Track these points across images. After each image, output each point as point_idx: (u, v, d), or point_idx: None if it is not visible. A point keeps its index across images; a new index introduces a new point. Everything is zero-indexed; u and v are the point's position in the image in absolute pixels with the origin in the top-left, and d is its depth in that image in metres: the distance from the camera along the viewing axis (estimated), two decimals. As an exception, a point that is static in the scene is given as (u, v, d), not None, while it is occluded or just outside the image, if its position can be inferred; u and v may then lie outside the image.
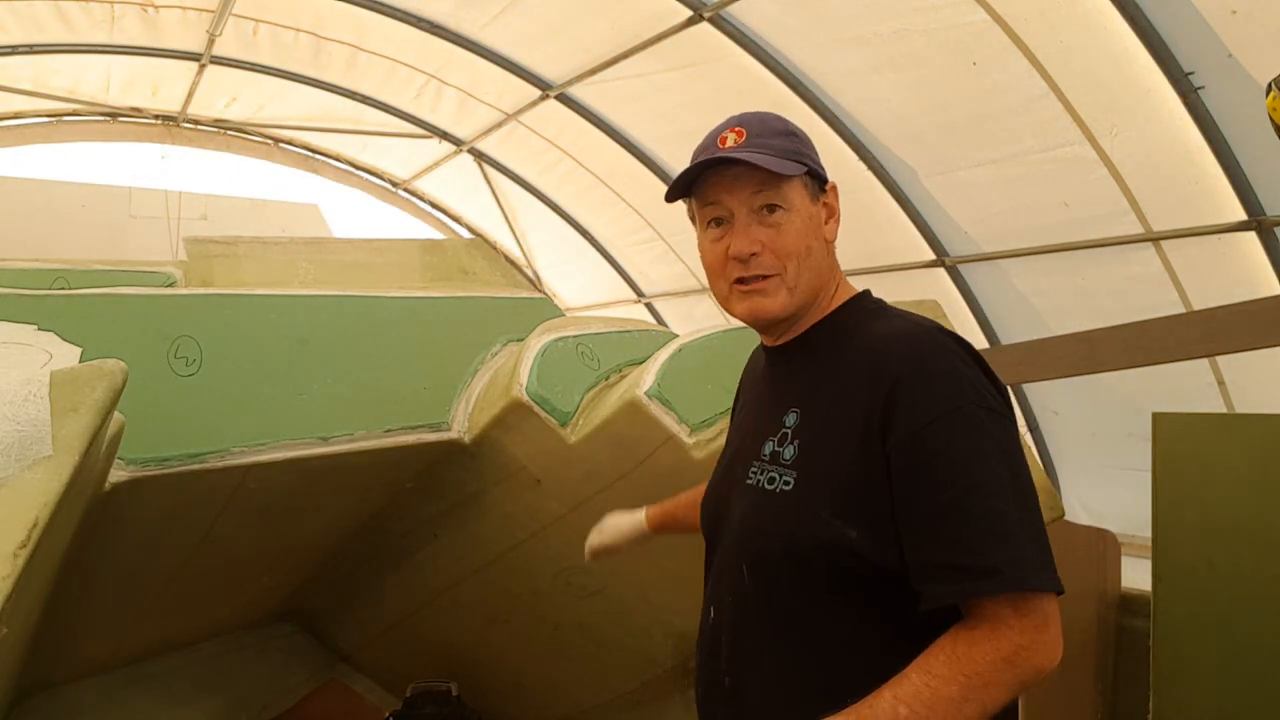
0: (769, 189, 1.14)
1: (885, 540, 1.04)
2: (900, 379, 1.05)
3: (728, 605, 1.18)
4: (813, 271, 1.17)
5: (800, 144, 1.19)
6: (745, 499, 1.17)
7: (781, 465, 1.12)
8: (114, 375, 1.27)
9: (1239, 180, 3.70)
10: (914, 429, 1.03)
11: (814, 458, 1.10)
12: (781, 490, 1.11)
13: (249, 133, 7.68)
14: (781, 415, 1.16)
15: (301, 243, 2.67)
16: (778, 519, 1.11)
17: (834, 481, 1.07)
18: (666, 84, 5.43)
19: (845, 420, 1.08)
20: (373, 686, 2.96)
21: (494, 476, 2.19)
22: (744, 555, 1.15)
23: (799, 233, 1.16)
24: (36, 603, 1.54)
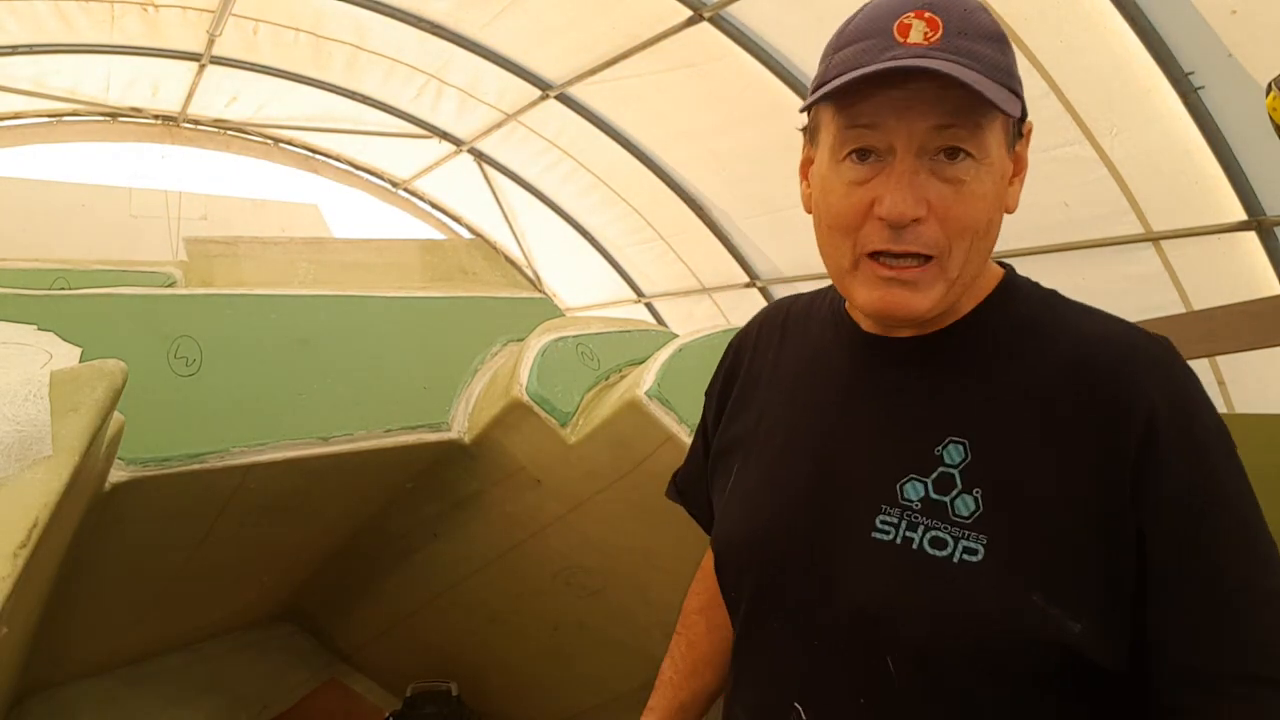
0: (964, 124, 0.76)
1: (1116, 636, 0.75)
2: (1159, 416, 0.75)
3: (850, 714, 0.83)
4: (982, 257, 0.82)
5: (1013, 59, 0.80)
6: (881, 563, 0.81)
7: (953, 523, 0.78)
8: (114, 375, 1.27)
9: (1239, 180, 3.70)
10: (1186, 490, 0.74)
11: (1015, 518, 0.77)
12: (964, 561, 0.77)
13: (249, 133, 7.68)
14: (930, 445, 0.81)
15: (301, 243, 2.67)
16: (963, 604, 0.77)
17: (1051, 555, 0.75)
18: (666, 84, 5.43)
19: (1064, 467, 0.76)
20: (373, 686, 2.96)
21: (494, 476, 2.19)
22: (888, 647, 0.80)
23: (986, 199, 0.79)
24: (36, 603, 1.54)
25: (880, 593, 0.81)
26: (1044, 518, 0.76)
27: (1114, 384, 0.77)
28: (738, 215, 6.18)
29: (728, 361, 1.12)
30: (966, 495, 0.78)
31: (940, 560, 0.78)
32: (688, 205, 6.36)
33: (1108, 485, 0.75)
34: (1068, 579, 0.75)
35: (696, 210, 6.37)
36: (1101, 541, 0.75)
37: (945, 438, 0.81)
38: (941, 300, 0.81)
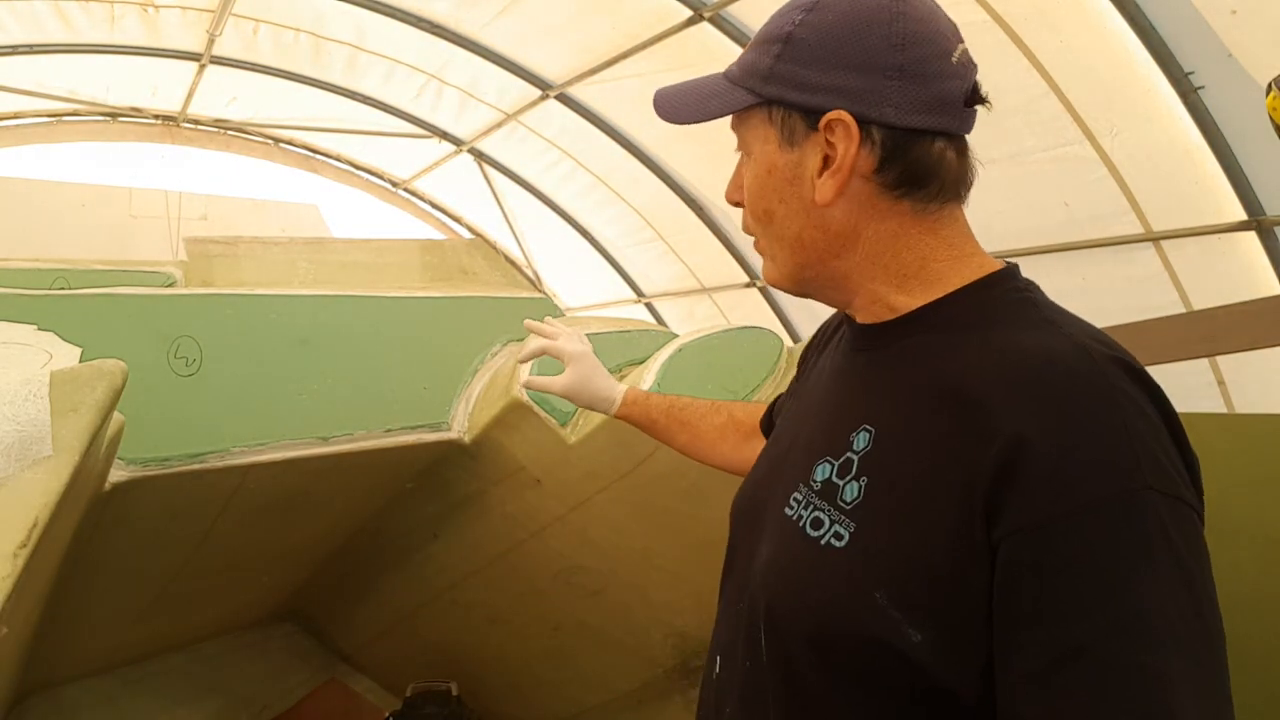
0: (735, 125, 0.87)
1: (963, 655, 0.68)
2: (1026, 434, 0.66)
3: (738, 669, 0.86)
4: (790, 245, 0.85)
5: (769, 54, 0.82)
6: (779, 534, 0.83)
7: (836, 507, 0.77)
8: (114, 375, 1.27)
9: (1239, 180, 3.70)
10: (1041, 518, 0.65)
11: (883, 514, 0.74)
12: (829, 544, 0.76)
13: (249, 133, 7.67)
14: (848, 429, 0.80)
15: (301, 243, 2.67)
16: (814, 585, 0.77)
17: (905, 557, 0.71)
18: (666, 84, 5.43)
19: (937, 472, 0.71)
20: (373, 686, 2.96)
21: (494, 476, 2.19)
22: (763, 613, 0.82)
23: (754, 190, 0.86)
24: (36, 603, 1.54)
25: (767, 563, 0.83)
26: (909, 519, 0.72)
27: (1002, 391, 0.70)
28: (738, 215, 6.15)
29: (809, 343, 1.11)
30: (855, 482, 0.77)
31: (812, 540, 0.78)
32: (688, 205, 6.36)
33: (967, 500, 0.68)
34: (916, 586, 0.70)
35: (696, 210, 6.37)
36: (955, 558, 0.69)
37: (860, 424, 0.80)
38: (775, 276, 0.89)
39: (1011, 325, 0.76)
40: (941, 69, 0.78)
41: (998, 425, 0.68)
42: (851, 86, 0.78)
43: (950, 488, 0.70)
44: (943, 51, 0.78)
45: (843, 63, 0.78)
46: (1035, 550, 0.65)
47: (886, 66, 0.77)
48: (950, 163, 0.80)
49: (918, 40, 0.77)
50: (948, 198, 0.81)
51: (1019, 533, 0.66)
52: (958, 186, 0.82)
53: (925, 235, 0.81)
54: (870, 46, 0.77)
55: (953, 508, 0.70)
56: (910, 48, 0.77)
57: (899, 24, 0.77)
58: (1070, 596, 0.63)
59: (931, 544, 0.70)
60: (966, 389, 0.73)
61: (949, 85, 0.78)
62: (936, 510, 0.71)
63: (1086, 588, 0.63)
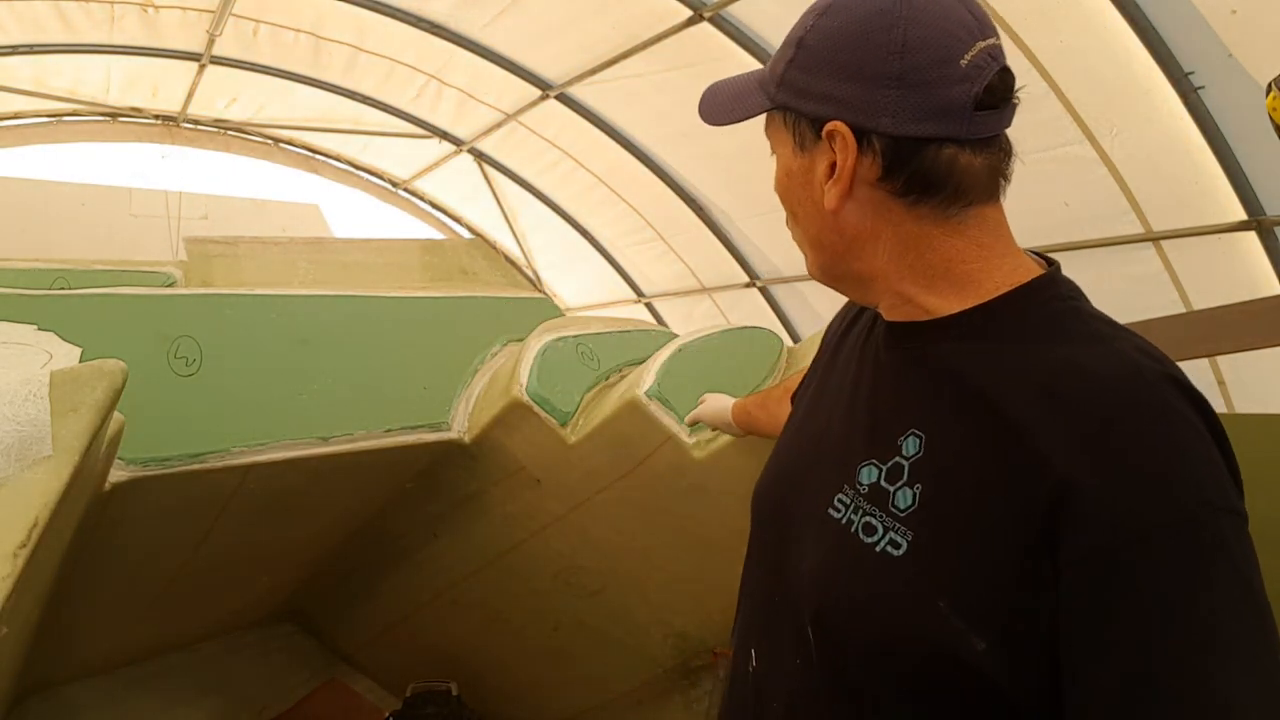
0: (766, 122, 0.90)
1: (1025, 667, 0.69)
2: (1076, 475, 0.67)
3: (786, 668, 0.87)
4: (810, 243, 0.87)
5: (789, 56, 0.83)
6: (825, 537, 0.83)
7: (889, 514, 0.77)
8: (114, 375, 1.27)
9: (1239, 180, 3.70)
10: (1107, 544, 0.65)
11: (943, 521, 0.74)
12: (886, 553, 0.76)
13: (249, 133, 7.68)
14: (897, 433, 0.80)
15: (301, 243, 2.67)
16: (871, 592, 0.77)
17: (967, 567, 0.71)
18: (666, 84, 5.43)
19: (998, 488, 0.71)
20: (373, 686, 2.96)
21: (494, 476, 2.19)
22: (811, 617, 0.82)
23: (781, 185, 0.89)
24: (36, 603, 1.54)
25: (817, 567, 0.83)
26: (969, 529, 0.72)
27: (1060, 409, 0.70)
28: (738, 215, 6.17)
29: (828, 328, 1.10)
30: (908, 489, 0.77)
31: (866, 547, 0.78)
32: (688, 205, 6.36)
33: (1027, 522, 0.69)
34: (978, 594, 0.71)
35: (696, 210, 6.37)
36: (1018, 574, 0.69)
37: (909, 429, 0.79)
38: (810, 268, 0.90)
39: (1058, 339, 0.75)
40: (945, 74, 0.75)
41: (1048, 460, 0.68)
42: (848, 96, 0.78)
43: (1006, 509, 0.70)
44: (948, 56, 0.76)
45: (842, 72, 0.79)
46: (1098, 581, 0.65)
47: (884, 75, 0.76)
48: (967, 167, 0.78)
49: (920, 45, 0.76)
50: (971, 200, 0.79)
51: (1080, 564, 0.66)
52: (982, 189, 0.79)
53: (950, 237, 0.80)
54: (869, 54, 0.77)
55: (1011, 528, 0.70)
56: (910, 54, 0.76)
57: (900, 30, 0.76)
58: (1136, 625, 0.64)
59: (994, 559, 0.70)
60: (1011, 412, 0.72)
61: (954, 91, 0.75)
62: (996, 526, 0.71)
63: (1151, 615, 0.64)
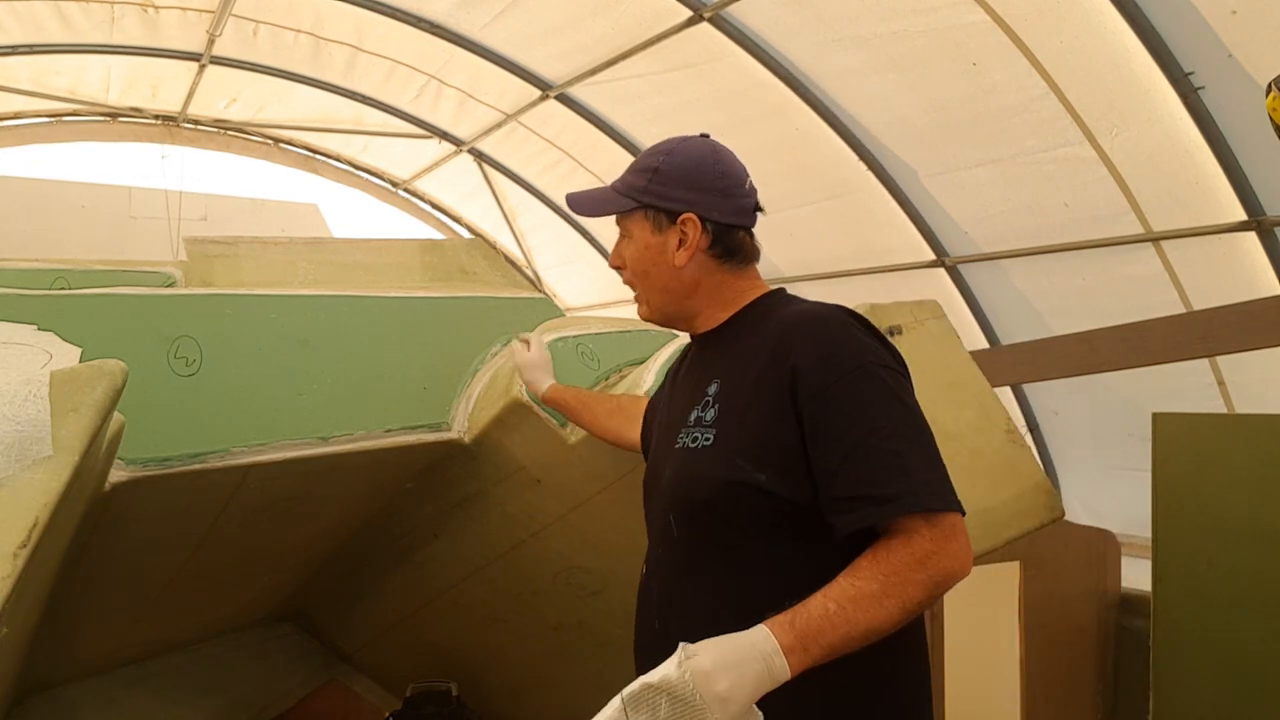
0: (620, 220, 1.44)
1: (797, 480, 1.21)
2: (806, 348, 1.24)
3: (658, 557, 1.38)
4: (659, 291, 1.42)
5: (644, 178, 1.40)
6: (674, 460, 1.34)
7: (704, 426, 1.30)
8: (114, 375, 1.27)
9: (1239, 180, 3.70)
10: (822, 387, 1.20)
11: (731, 417, 1.28)
12: (703, 446, 1.29)
13: (249, 133, 7.68)
14: (705, 386, 1.35)
15: (301, 243, 2.67)
16: (700, 470, 1.28)
17: (748, 435, 1.24)
18: (666, 84, 5.44)
19: (758, 384, 1.26)
20: (373, 686, 2.96)
21: (494, 476, 2.19)
22: (671, 507, 1.33)
23: (637, 258, 1.42)
24: (36, 603, 1.54)
25: (671, 476, 1.34)
26: (744, 414, 1.26)
27: (788, 331, 1.27)
28: (738, 215, 6.16)
29: (667, 375, 1.61)
30: (712, 409, 1.31)
31: (694, 449, 1.30)
32: (688, 205, 6.35)
33: (777, 390, 1.23)
34: (757, 448, 1.23)
35: (696, 210, 6.36)
36: (776, 425, 1.22)
37: (711, 380, 1.34)
38: (648, 312, 1.46)
39: (780, 309, 1.36)
40: (742, 191, 1.40)
41: (795, 343, 1.25)
42: (695, 199, 1.38)
43: (766, 384, 1.25)
44: (741, 181, 1.40)
45: (689, 185, 1.39)
46: (822, 404, 1.20)
47: (713, 189, 1.39)
48: (747, 242, 1.42)
49: (729, 174, 1.40)
50: (748, 260, 1.42)
51: (812, 397, 1.21)
52: (752, 254, 1.43)
53: (736, 280, 1.42)
54: (703, 177, 1.39)
55: (770, 393, 1.24)
56: (725, 179, 1.39)
57: (719, 165, 1.40)
58: (845, 422, 1.19)
59: (763, 422, 1.24)
60: (772, 338, 1.29)
61: (746, 201, 1.41)
62: (762, 398, 1.25)
63: (852, 416, 1.19)
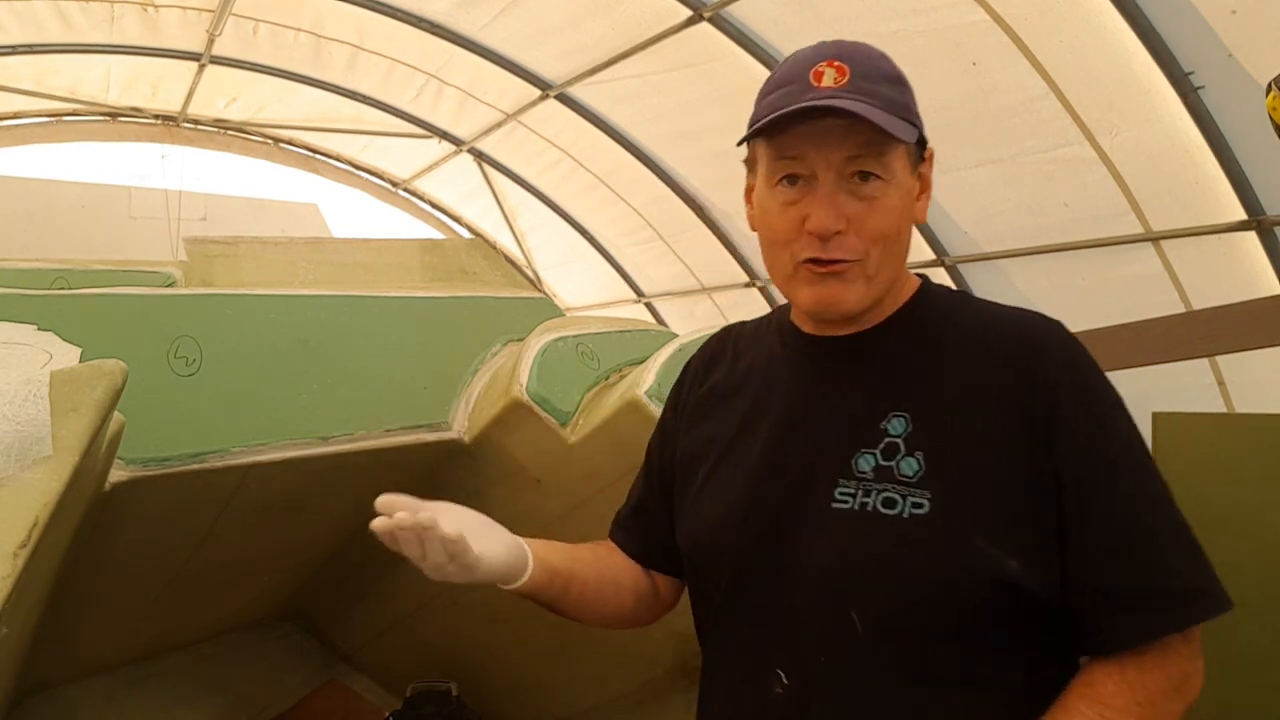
0: (871, 153, 0.93)
1: (1048, 569, 0.89)
2: (1061, 379, 0.91)
3: (820, 668, 0.93)
4: (897, 260, 0.98)
5: (910, 96, 0.98)
6: (842, 528, 0.93)
7: (902, 483, 0.91)
8: (114, 375, 1.27)
9: (1239, 180, 3.70)
10: (1089, 436, 0.90)
11: (954, 473, 0.90)
12: (912, 515, 0.90)
13: (249, 133, 7.68)
14: (876, 421, 0.95)
15: (301, 243, 2.67)
16: (914, 550, 0.89)
17: (987, 502, 0.89)
18: (666, 84, 5.43)
19: (991, 426, 0.91)
20: (373, 686, 2.96)
21: (494, 476, 2.19)
22: (852, 600, 0.92)
23: (894, 212, 0.95)
24: (36, 603, 1.54)
25: (843, 553, 0.93)
26: (978, 471, 0.90)
27: (1023, 356, 0.93)
28: (738, 215, 6.14)
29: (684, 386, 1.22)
30: (910, 458, 0.92)
31: (892, 517, 0.91)
32: (688, 205, 6.36)
33: (1028, 438, 0.90)
34: (1002, 522, 0.89)
35: (696, 210, 6.37)
36: (1026, 488, 0.89)
37: (889, 413, 0.95)
38: (865, 295, 0.96)
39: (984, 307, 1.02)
40: None
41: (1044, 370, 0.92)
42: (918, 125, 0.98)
43: (1006, 427, 0.91)
44: None
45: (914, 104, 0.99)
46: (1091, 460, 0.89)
47: None
48: None
49: None
50: None
51: (1076, 449, 0.89)
52: None
53: None
54: None
55: (1013, 442, 0.90)
56: None
57: None
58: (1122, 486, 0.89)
59: (1006, 477, 0.90)
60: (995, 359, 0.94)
61: None
62: (1002, 449, 0.91)
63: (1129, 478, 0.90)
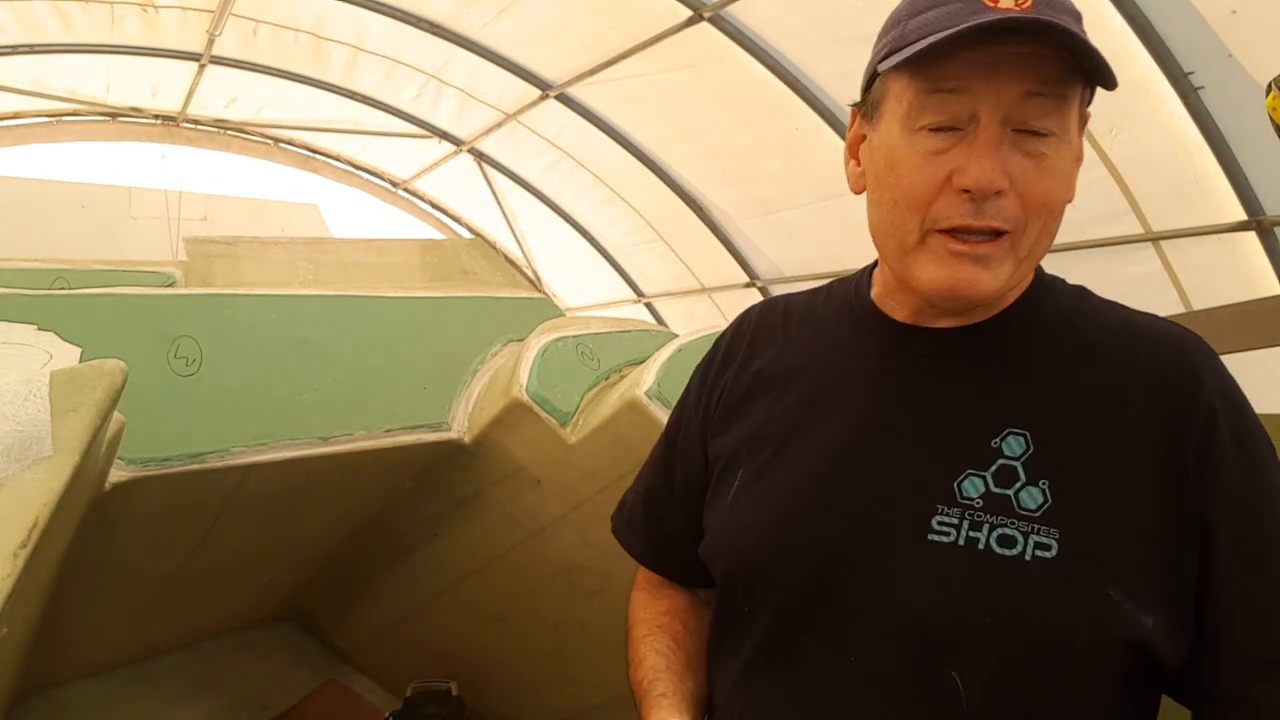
0: (1052, 94, 0.73)
1: (1184, 627, 0.73)
2: (1218, 409, 0.76)
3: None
4: (1051, 239, 0.80)
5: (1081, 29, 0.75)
6: (941, 568, 0.75)
7: (1024, 517, 0.74)
8: (114, 375, 1.27)
9: (1239, 180, 3.70)
10: (1243, 480, 0.74)
11: (1085, 510, 0.73)
12: (1038, 557, 0.72)
13: (249, 133, 7.67)
14: (986, 437, 0.77)
15: (301, 243, 2.67)
16: (1038, 603, 0.72)
17: (1124, 546, 0.73)
18: (666, 84, 5.43)
19: (1128, 455, 0.74)
20: (373, 686, 2.96)
21: (494, 476, 2.19)
22: (954, 659, 0.74)
23: (1065, 176, 0.76)
24: (36, 603, 1.54)
25: (944, 599, 0.74)
26: (1115, 509, 0.73)
27: (1174, 376, 0.77)
28: (738, 215, 6.17)
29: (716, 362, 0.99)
30: (1032, 488, 0.74)
31: (1011, 559, 0.73)
32: (688, 205, 6.36)
33: (1173, 476, 0.74)
34: (1140, 572, 0.73)
35: (696, 210, 6.37)
36: (1167, 533, 0.73)
37: (1004, 429, 0.77)
38: (1008, 281, 0.78)
39: (1106, 309, 0.85)
40: None
41: (1191, 395, 0.76)
42: None
43: (1151, 461, 0.74)
44: None
45: None
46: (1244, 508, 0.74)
47: None
48: None
49: None
50: None
51: (1229, 495, 0.74)
52: None
53: None
54: None
55: (1158, 480, 0.74)
56: None
57: None
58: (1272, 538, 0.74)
59: (1146, 520, 0.73)
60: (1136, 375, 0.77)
61: None
62: (1145, 486, 0.74)
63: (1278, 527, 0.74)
